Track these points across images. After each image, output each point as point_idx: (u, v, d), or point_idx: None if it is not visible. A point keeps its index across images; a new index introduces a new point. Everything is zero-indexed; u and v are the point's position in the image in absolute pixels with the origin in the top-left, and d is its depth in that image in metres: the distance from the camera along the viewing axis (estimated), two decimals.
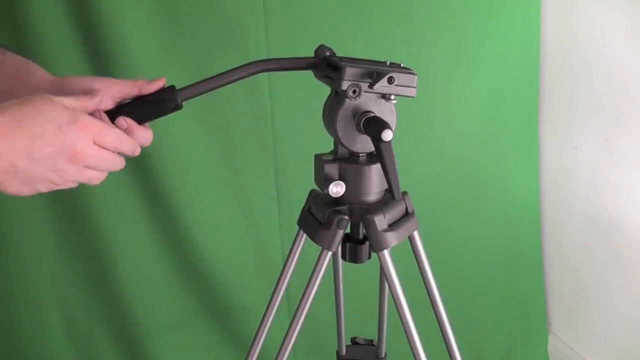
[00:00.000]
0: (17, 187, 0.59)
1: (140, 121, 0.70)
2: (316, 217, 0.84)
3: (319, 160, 0.79)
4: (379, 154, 0.71)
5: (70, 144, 0.59)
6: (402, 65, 0.78)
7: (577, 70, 1.47)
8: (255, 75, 1.46)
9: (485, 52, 1.50)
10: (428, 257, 0.87)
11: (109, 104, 0.69)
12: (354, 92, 0.73)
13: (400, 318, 0.82)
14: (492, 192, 1.62)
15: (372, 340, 1.17)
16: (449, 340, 0.92)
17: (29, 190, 0.60)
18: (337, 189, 0.77)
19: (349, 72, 0.72)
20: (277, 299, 0.93)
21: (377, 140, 0.70)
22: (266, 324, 0.95)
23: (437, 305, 0.90)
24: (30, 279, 1.40)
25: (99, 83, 0.68)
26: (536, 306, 1.72)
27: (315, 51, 0.78)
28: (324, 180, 0.77)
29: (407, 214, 0.84)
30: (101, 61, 1.28)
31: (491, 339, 1.70)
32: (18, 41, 1.25)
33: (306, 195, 0.88)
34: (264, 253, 1.52)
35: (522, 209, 1.65)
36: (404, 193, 0.84)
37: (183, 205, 1.41)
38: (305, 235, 0.87)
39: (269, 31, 1.34)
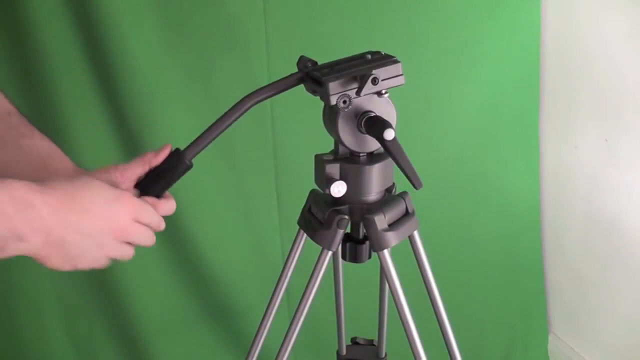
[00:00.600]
0: (60, 262, 0.60)
1: (159, 194, 0.72)
2: (316, 216, 0.84)
3: (320, 160, 0.79)
4: (388, 152, 0.72)
5: (116, 220, 0.62)
6: (383, 53, 0.77)
7: (577, 70, 1.47)
8: (254, 76, 1.46)
9: (485, 52, 1.50)
10: (428, 257, 0.87)
11: (130, 188, 0.72)
12: (344, 102, 0.72)
13: (400, 318, 0.82)
14: (492, 192, 1.62)
15: (372, 340, 1.17)
16: (449, 340, 0.92)
17: (70, 267, 0.61)
18: (339, 188, 0.77)
19: (333, 86, 0.71)
20: (277, 298, 0.93)
21: (381, 140, 0.71)
22: (266, 323, 0.95)
23: (437, 305, 0.90)
24: (30, 279, 1.40)
25: (114, 174, 0.71)
26: (536, 306, 1.72)
27: (297, 64, 0.78)
28: (325, 181, 0.77)
29: (407, 214, 0.84)
30: (101, 61, 1.28)
31: (491, 339, 1.70)
32: (18, 41, 1.25)
33: (306, 195, 0.88)
34: (264, 253, 1.52)
35: (522, 209, 1.65)
36: (404, 193, 0.84)
37: (183, 205, 1.41)
38: (305, 235, 0.87)
39: (269, 31, 1.34)
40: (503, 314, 1.69)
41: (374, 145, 0.76)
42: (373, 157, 0.78)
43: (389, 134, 0.70)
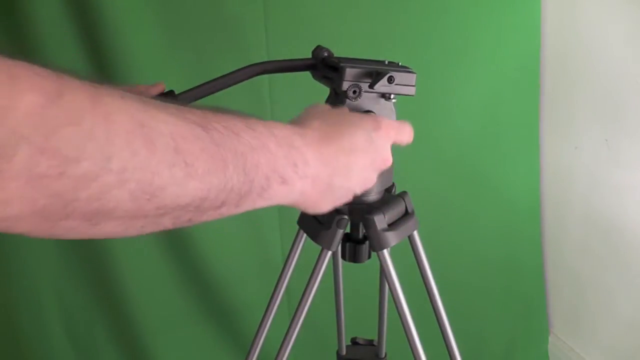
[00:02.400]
0: (325, 205, 0.54)
1: None
2: (316, 216, 0.84)
3: None
4: None
5: (380, 152, 0.57)
6: (399, 63, 0.78)
7: (578, 70, 1.47)
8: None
9: (485, 52, 1.50)
10: (428, 257, 0.87)
11: None
12: (355, 92, 0.72)
13: (400, 318, 0.82)
14: (492, 191, 1.62)
15: (372, 340, 1.17)
16: (449, 340, 0.92)
17: (330, 207, 0.55)
18: None
19: (349, 72, 0.71)
20: (277, 298, 0.93)
21: None
22: (266, 323, 0.95)
23: (437, 305, 0.90)
24: (30, 279, 1.40)
25: None
26: (537, 306, 1.72)
27: (313, 52, 0.78)
28: None
29: (407, 214, 0.83)
30: (101, 61, 1.28)
31: (491, 339, 1.70)
32: (18, 41, 1.25)
33: None
34: (264, 253, 1.52)
35: (522, 209, 1.65)
36: (404, 192, 0.84)
37: None
38: (305, 235, 0.87)
39: (269, 31, 1.34)
40: (503, 314, 1.69)
41: None
42: None
43: None
